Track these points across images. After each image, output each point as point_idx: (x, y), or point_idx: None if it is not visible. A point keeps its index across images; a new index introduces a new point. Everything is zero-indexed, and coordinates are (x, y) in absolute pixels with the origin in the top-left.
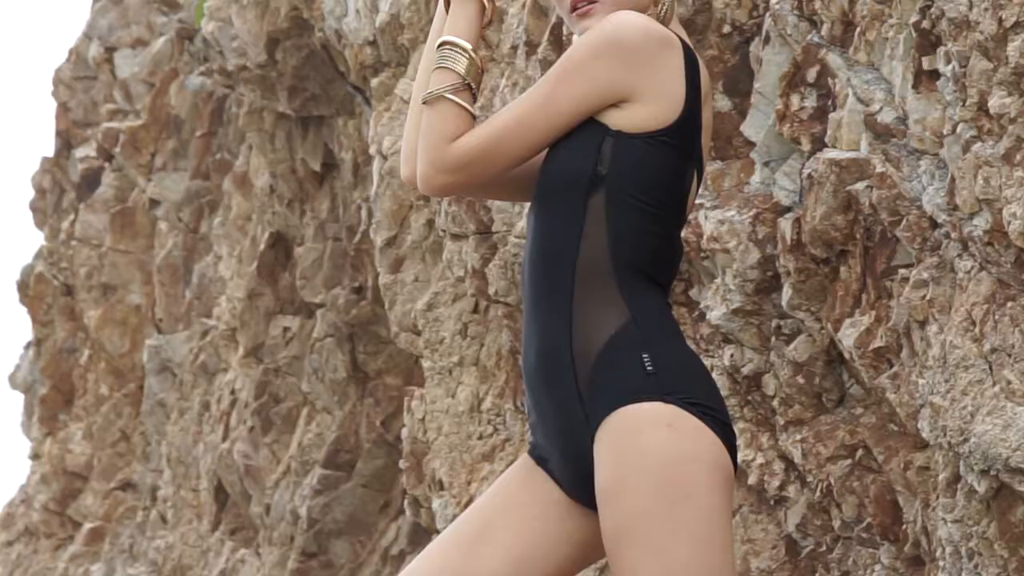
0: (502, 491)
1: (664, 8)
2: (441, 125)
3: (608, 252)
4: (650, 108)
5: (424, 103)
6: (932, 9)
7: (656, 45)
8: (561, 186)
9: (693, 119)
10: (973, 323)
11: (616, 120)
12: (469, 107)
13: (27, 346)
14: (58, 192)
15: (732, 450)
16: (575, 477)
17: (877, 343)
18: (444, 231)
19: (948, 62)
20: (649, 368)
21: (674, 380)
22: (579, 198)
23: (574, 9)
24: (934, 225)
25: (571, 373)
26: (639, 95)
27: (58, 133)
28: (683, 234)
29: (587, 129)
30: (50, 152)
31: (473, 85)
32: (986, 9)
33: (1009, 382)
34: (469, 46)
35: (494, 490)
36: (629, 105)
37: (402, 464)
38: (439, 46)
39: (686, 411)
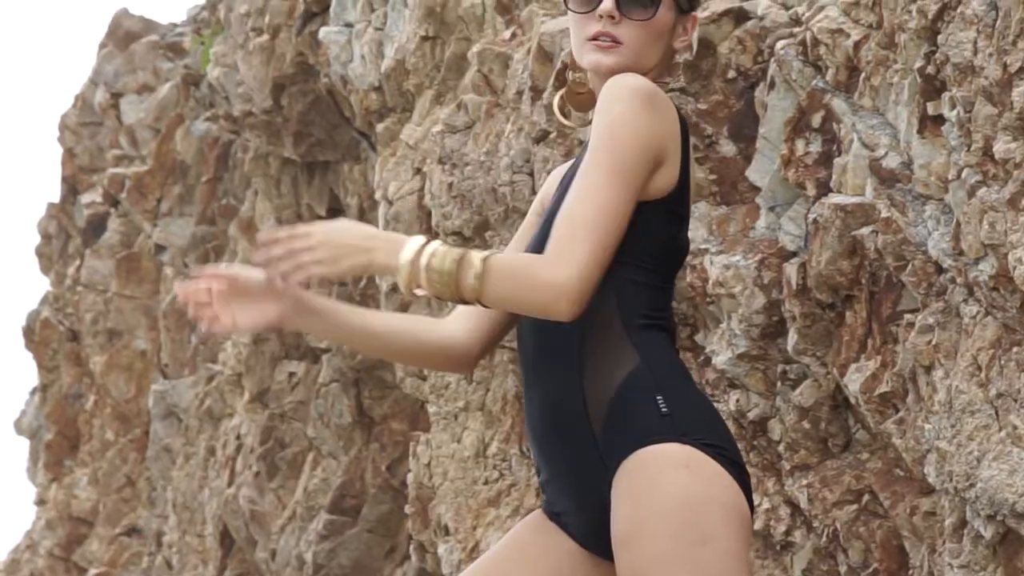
0: (513, 542)
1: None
2: (520, 270)
3: (614, 305)
4: (660, 172)
5: (473, 287)
6: (937, 55)
7: (667, 104)
8: None
9: (687, 181)
10: (979, 368)
11: None
12: (482, 255)
13: (32, 391)
14: (64, 238)
15: (747, 492)
16: (590, 526)
17: (883, 388)
18: None
19: (953, 107)
20: (664, 410)
21: (689, 421)
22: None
23: (595, 39)
24: (939, 270)
25: (585, 420)
26: (664, 156)
27: (64, 179)
28: (689, 279)
29: None
30: (56, 198)
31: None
32: (991, 55)
33: (1015, 427)
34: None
35: (505, 541)
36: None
37: (408, 509)
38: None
39: (702, 452)
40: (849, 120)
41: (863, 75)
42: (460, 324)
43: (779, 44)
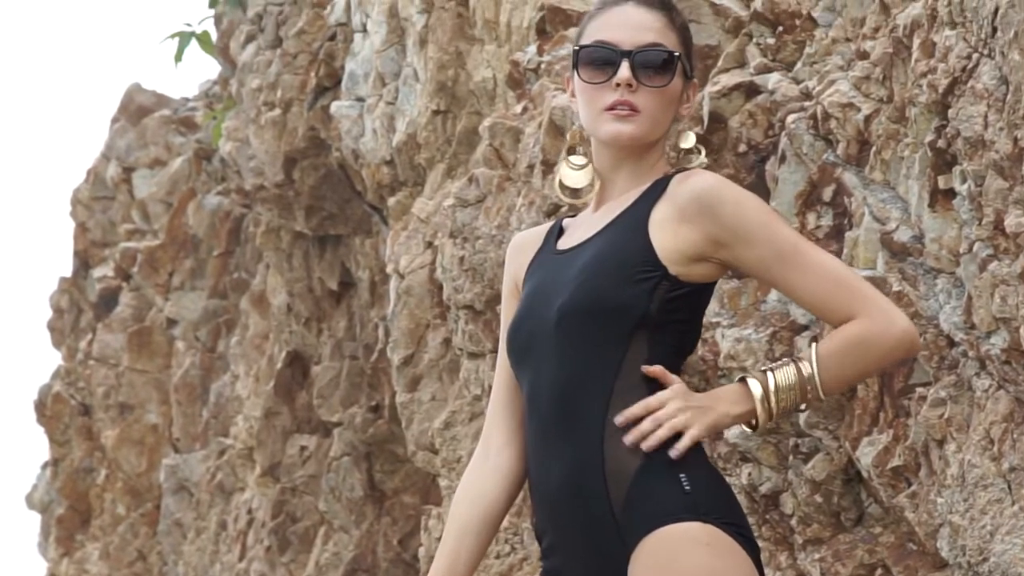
0: None
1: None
2: (873, 342)
3: (644, 381)
4: (717, 266)
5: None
6: (947, 128)
7: None
8: (603, 314)
9: None
10: (991, 442)
11: (681, 269)
12: (811, 352)
13: (44, 466)
14: (76, 312)
15: (760, 568)
16: None
17: (895, 462)
18: (461, 350)
19: (964, 181)
20: (687, 488)
21: (710, 500)
22: (624, 331)
23: (612, 108)
24: (951, 344)
25: (604, 495)
26: None
27: (76, 253)
28: (700, 353)
29: (643, 265)
30: (68, 272)
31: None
32: (1001, 128)
33: None
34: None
35: None
36: (711, 261)
37: None
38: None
39: (722, 531)
40: (860, 194)
41: (874, 149)
42: (508, 452)
43: (790, 118)
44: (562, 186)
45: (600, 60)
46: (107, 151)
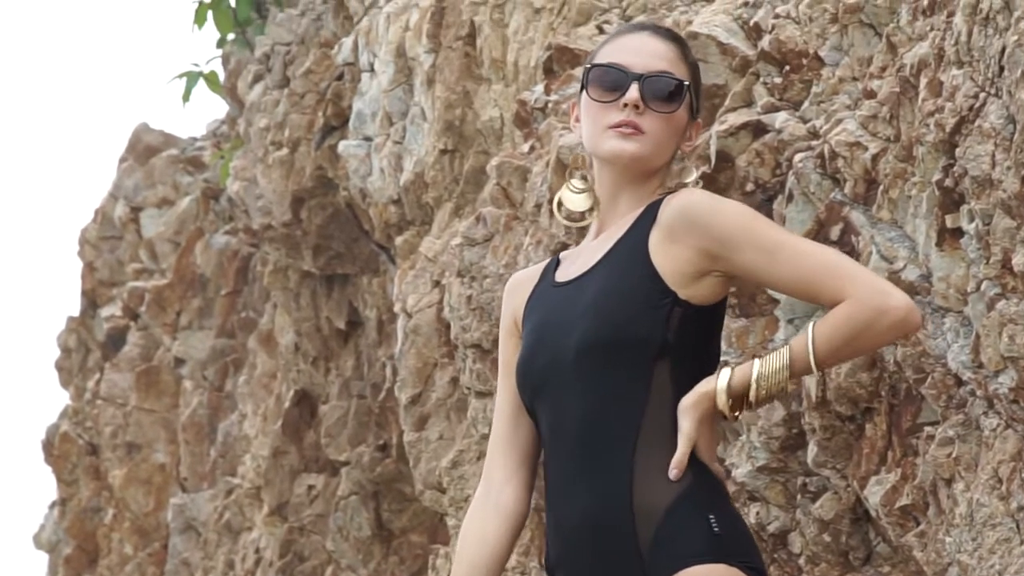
0: None
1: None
2: (867, 314)
3: (672, 417)
4: (719, 280)
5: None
6: (955, 167)
7: None
8: (622, 347)
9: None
10: (1000, 481)
11: (689, 291)
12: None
13: (51, 506)
14: (83, 351)
15: None
16: None
17: (903, 501)
18: (469, 389)
19: (971, 220)
20: (716, 530)
21: (736, 543)
22: (645, 363)
23: (617, 126)
24: (959, 383)
25: (631, 532)
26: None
27: (84, 292)
28: None
29: (653, 293)
30: (75, 311)
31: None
32: (1008, 167)
33: None
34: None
35: None
36: (712, 275)
37: None
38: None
39: (744, 574)
40: (867, 232)
41: (881, 188)
42: (510, 490)
43: (797, 157)
44: (560, 207)
45: (610, 80)
46: (115, 191)
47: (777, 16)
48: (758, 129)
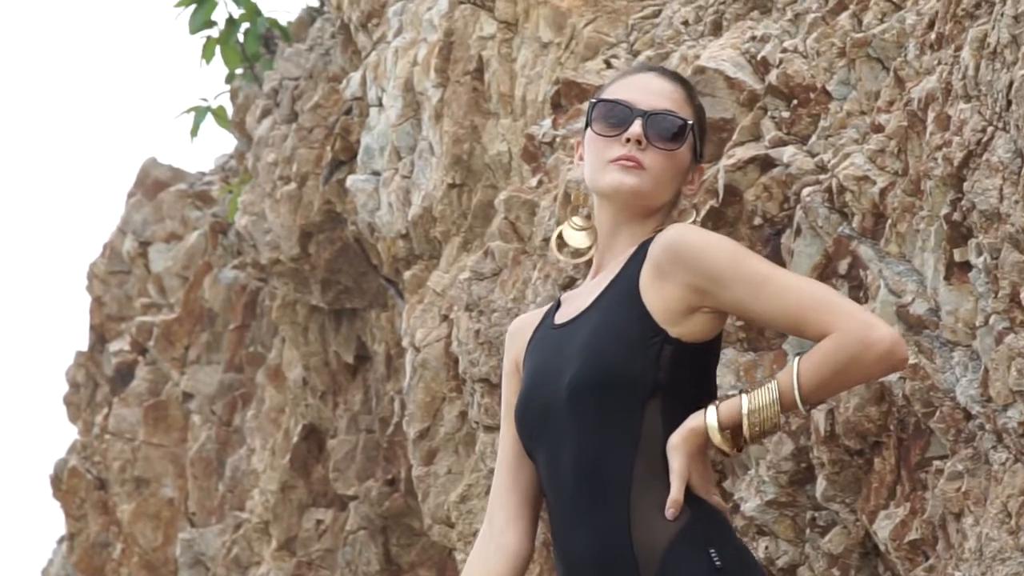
0: None
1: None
2: (850, 348)
3: (666, 455)
4: (710, 316)
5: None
6: (963, 202)
7: None
8: (614, 387)
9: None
10: (1009, 515)
11: (680, 329)
12: (789, 368)
13: (60, 541)
14: (92, 386)
15: None
16: None
17: (912, 535)
18: (477, 423)
19: (980, 254)
20: (717, 563)
21: (736, 574)
22: (637, 403)
23: (619, 160)
24: (968, 417)
25: (634, 568)
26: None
27: (92, 327)
28: None
29: (644, 332)
30: (84, 346)
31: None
32: (1016, 201)
33: None
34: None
35: None
36: (702, 312)
37: None
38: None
39: None
40: (876, 266)
41: (889, 222)
42: (512, 532)
43: (805, 191)
44: (561, 243)
45: (615, 116)
46: (123, 225)
47: (785, 50)
48: (766, 163)
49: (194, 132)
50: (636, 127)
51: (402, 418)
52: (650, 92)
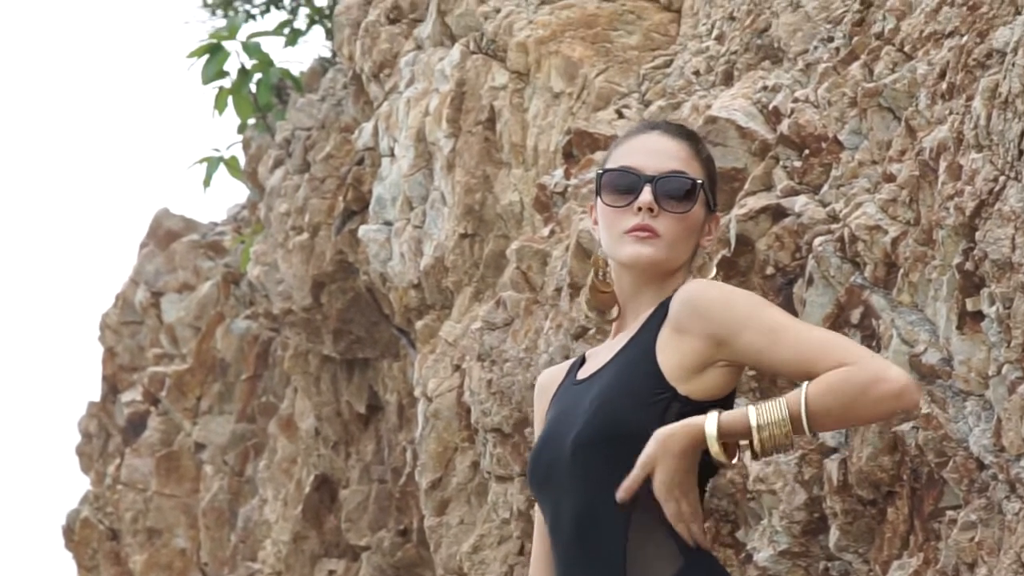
0: None
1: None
2: (861, 382)
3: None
4: (730, 369)
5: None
6: (975, 251)
7: None
8: (615, 441)
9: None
10: (1022, 565)
11: (690, 387)
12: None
13: None
14: (104, 436)
15: None
16: None
17: None
18: (489, 473)
19: (992, 303)
20: None
21: None
22: (637, 457)
23: (633, 230)
24: (981, 466)
25: None
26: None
27: (104, 378)
28: (729, 475)
29: (653, 389)
30: (96, 397)
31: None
32: None
33: None
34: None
35: None
36: (718, 366)
37: None
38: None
39: None
40: (888, 316)
41: (901, 271)
42: None
43: (817, 240)
44: (591, 304)
45: (623, 185)
46: (135, 276)
47: (796, 100)
48: (778, 213)
49: (207, 182)
50: (646, 195)
51: (414, 468)
52: (656, 154)
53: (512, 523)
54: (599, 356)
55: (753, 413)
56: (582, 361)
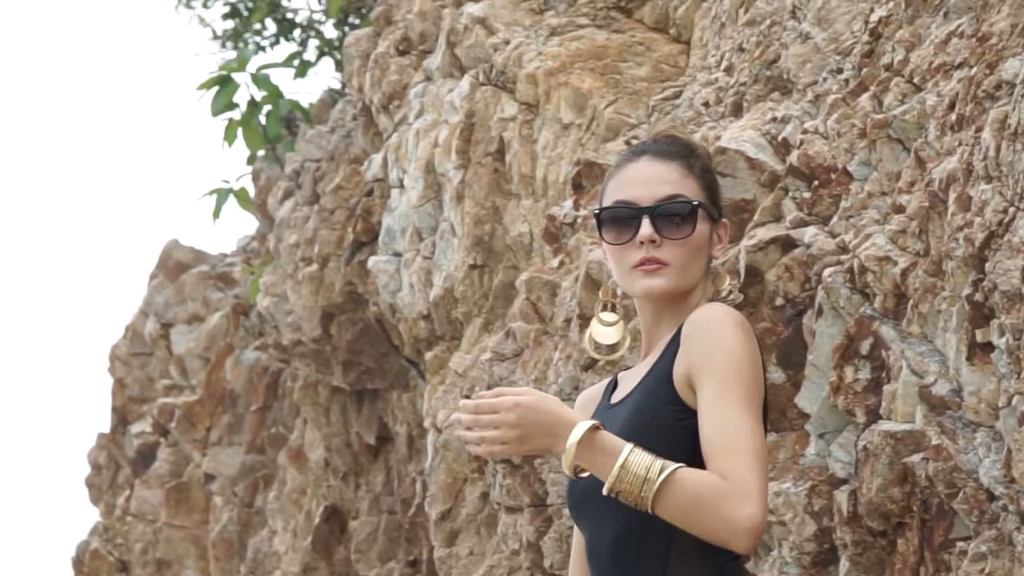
0: None
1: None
2: (705, 484)
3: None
4: None
5: (658, 495)
6: (985, 282)
7: (750, 328)
8: None
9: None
10: None
11: (695, 401)
12: (670, 467)
13: None
14: (114, 468)
15: None
16: None
17: None
18: (499, 504)
19: (1002, 335)
20: None
21: None
22: None
23: (640, 265)
24: (991, 498)
25: None
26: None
27: (114, 409)
28: None
29: (675, 415)
30: (106, 428)
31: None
32: None
33: None
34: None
35: None
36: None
37: None
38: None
39: None
40: (898, 347)
41: (911, 302)
42: None
43: (826, 272)
44: (592, 342)
45: (622, 220)
46: (145, 307)
47: (805, 131)
48: (787, 244)
49: (216, 214)
50: (646, 228)
51: (424, 499)
52: (648, 183)
53: (522, 554)
54: (629, 379)
55: (621, 460)
56: (615, 383)
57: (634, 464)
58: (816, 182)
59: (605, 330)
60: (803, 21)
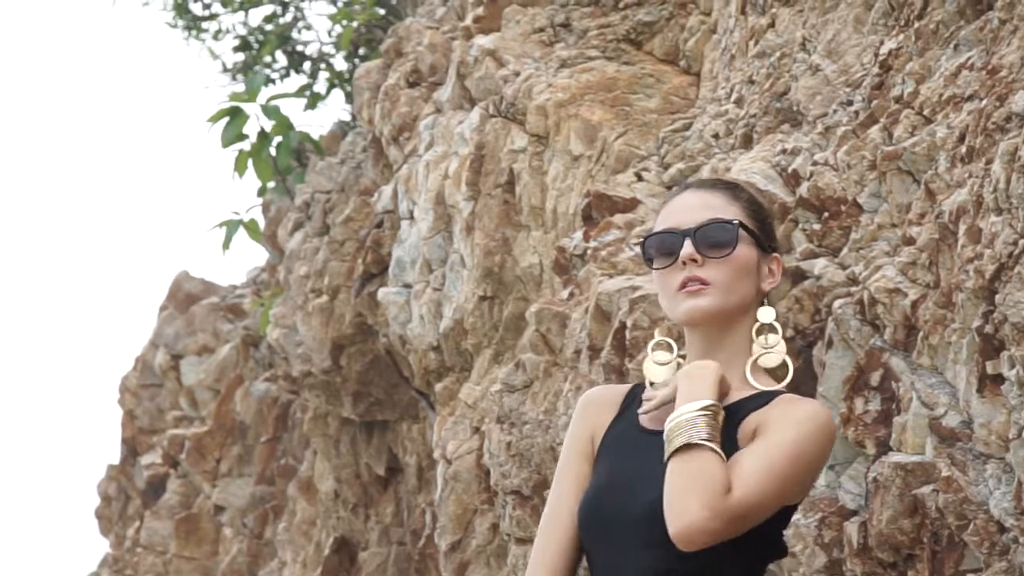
0: None
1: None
2: (720, 473)
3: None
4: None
5: (684, 449)
6: (995, 314)
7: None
8: None
9: None
10: None
11: None
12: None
13: None
14: (123, 499)
15: None
16: None
17: None
18: (509, 535)
19: (1012, 366)
20: None
21: None
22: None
23: (683, 287)
24: (1002, 529)
25: None
26: (818, 475)
27: (124, 440)
28: None
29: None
30: (116, 459)
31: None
32: None
33: None
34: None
35: None
36: None
37: None
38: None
39: None
40: (908, 379)
41: (921, 334)
42: None
43: (836, 303)
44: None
45: (666, 245)
46: (155, 339)
47: (815, 163)
48: (797, 275)
49: (226, 245)
50: (687, 247)
51: (434, 530)
52: (691, 209)
53: None
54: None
55: (702, 407)
56: (634, 395)
57: (680, 416)
58: (826, 214)
59: (657, 368)
60: (813, 53)
